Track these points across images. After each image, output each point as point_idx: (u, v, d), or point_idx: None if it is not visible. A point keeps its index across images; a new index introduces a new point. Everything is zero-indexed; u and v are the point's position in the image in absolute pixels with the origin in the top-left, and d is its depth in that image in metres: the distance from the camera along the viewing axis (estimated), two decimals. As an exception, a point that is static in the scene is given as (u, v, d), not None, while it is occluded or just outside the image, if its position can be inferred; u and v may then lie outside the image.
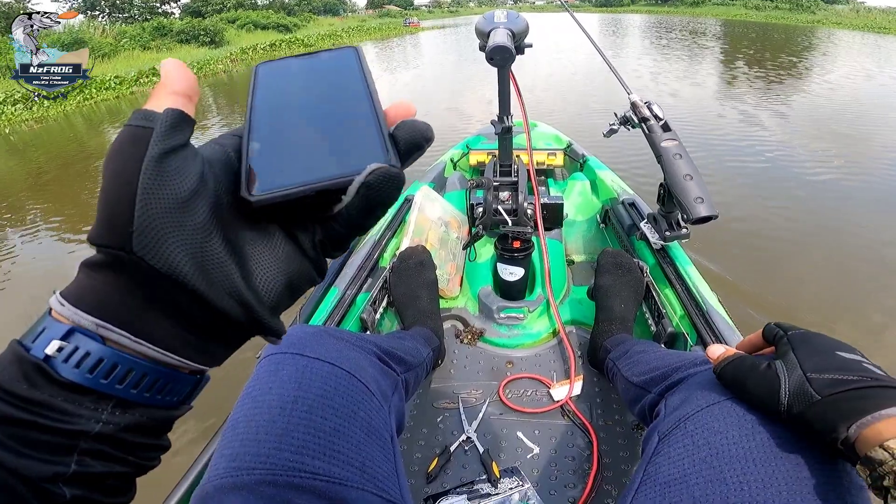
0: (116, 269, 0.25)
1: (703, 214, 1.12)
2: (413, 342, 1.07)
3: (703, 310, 1.15)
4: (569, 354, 1.31)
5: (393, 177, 0.29)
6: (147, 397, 0.28)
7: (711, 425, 0.57)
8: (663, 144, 1.22)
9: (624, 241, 1.59)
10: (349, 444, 0.60)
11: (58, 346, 0.25)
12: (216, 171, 0.29)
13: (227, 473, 0.54)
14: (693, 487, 0.54)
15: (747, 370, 0.56)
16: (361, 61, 0.37)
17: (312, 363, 0.66)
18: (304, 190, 0.29)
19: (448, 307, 1.54)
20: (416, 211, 1.56)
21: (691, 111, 6.26)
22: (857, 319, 2.36)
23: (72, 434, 0.25)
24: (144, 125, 0.26)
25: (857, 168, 4.28)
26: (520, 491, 1.01)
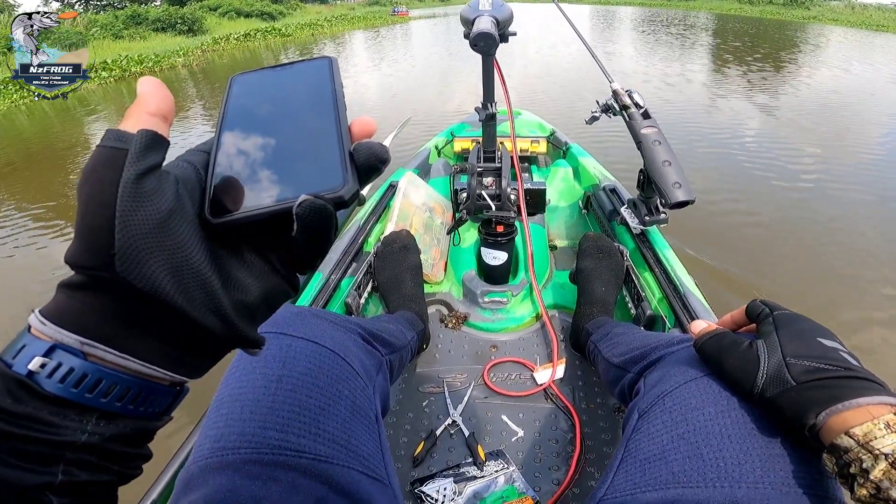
0: (98, 289, 0.26)
1: (680, 199, 1.14)
2: (398, 325, 1.07)
3: (681, 293, 1.17)
4: (551, 338, 1.33)
5: (318, 209, 0.29)
6: (131, 409, 0.29)
7: (689, 401, 0.59)
8: (643, 131, 1.23)
9: (605, 226, 1.61)
10: (334, 423, 0.61)
11: (41, 363, 0.26)
12: (189, 189, 0.29)
13: (212, 454, 0.54)
14: (672, 463, 0.55)
15: (727, 347, 0.58)
16: (334, 74, 0.37)
17: (296, 342, 0.66)
18: (262, 213, 0.29)
19: (432, 292, 1.55)
20: (401, 196, 1.56)
21: (693, 109, 6.19)
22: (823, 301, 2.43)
23: (58, 445, 0.26)
24: (118, 146, 0.27)
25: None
26: (505, 473, 1.03)
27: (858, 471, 0.42)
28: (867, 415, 0.44)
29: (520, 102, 5.58)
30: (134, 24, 18.71)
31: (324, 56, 0.38)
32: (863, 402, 0.44)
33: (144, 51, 13.60)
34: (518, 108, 2.42)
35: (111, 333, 0.27)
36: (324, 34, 19.99)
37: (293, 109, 0.35)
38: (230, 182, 0.30)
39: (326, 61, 0.38)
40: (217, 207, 0.29)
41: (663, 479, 0.55)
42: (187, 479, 0.53)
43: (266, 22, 24.47)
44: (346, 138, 0.32)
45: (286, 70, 0.38)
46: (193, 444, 0.79)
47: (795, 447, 0.51)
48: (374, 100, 7.18)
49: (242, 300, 0.30)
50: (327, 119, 0.34)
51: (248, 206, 0.29)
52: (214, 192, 0.30)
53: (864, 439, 0.42)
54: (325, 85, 0.36)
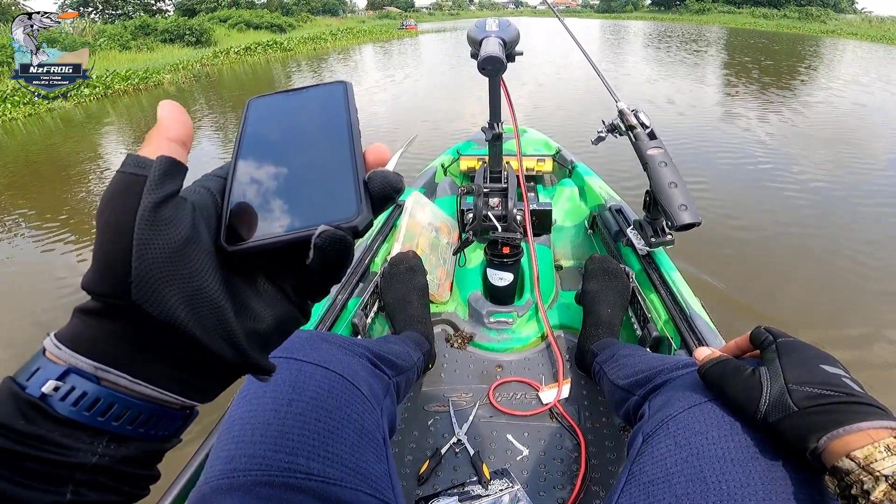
0: (113, 315, 0.27)
1: (686, 221, 1.15)
2: (404, 346, 1.08)
3: (687, 314, 1.18)
4: (557, 358, 1.34)
5: (338, 239, 0.29)
6: (142, 432, 0.29)
7: (693, 426, 0.60)
8: (649, 152, 1.25)
9: (611, 246, 1.62)
10: (343, 446, 0.62)
11: (54, 386, 0.26)
12: (205, 216, 0.30)
13: (223, 475, 0.55)
14: (675, 486, 0.56)
15: (731, 373, 0.58)
16: (349, 99, 0.37)
17: (306, 367, 0.67)
18: (277, 242, 0.30)
19: (438, 312, 1.56)
20: (407, 216, 1.58)
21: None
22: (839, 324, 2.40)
23: (69, 466, 0.27)
24: (137, 173, 0.27)
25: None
26: (510, 492, 1.03)
27: (860, 492, 0.43)
28: (867, 438, 0.45)
29: (534, 119, 5.62)
30: (143, 35, 18.76)
31: (339, 81, 0.39)
32: (863, 427, 0.45)
33: (150, 62, 13.31)
34: (524, 126, 2.44)
35: (125, 359, 0.27)
36: (326, 49, 19.72)
37: (308, 136, 0.35)
38: (246, 210, 0.31)
39: (342, 86, 0.38)
40: (233, 235, 0.30)
41: (667, 501, 0.55)
42: (199, 499, 0.54)
43: (275, 34, 24.42)
44: (361, 167, 0.33)
45: (301, 95, 0.39)
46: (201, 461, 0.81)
47: (798, 470, 0.52)
48: (383, 115, 7.20)
49: (255, 328, 0.30)
50: (342, 147, 0.34)
51: (263, 234, 0.30)
52: (230, 220, 0.30)
53: (865, 462, 0.43)
54: (339, 111, 0.36)
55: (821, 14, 38.50)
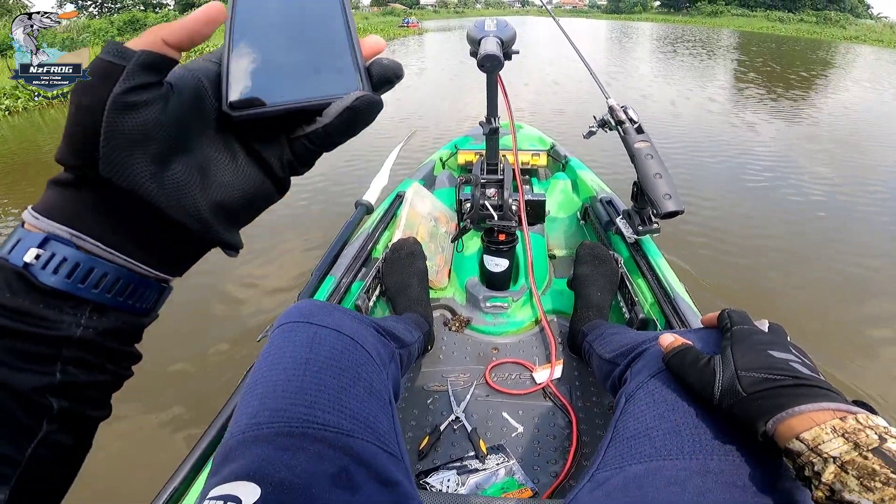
0: (84, 186, 0.28)
1: (670, 209, 1.21)
2: (405, 325, 1.14)
3: (671, 297, 1.24)
4: (550, 340, 1.40)
5: (375, 103, 0.32)
6: (120, 301, 0.30)
7: (669, 383, 0.67)
8: (636, 146, 1.31)
9: (601, 235, 1.69)
10: (354, 401, 0.68)
11: (35, 254, 0.27)
12: (183, 94, 0.30)
13: (248, 428, 0.61)
14: (654, 439, 0.62)
15: (689, 364, 0.63)
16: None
17: (321, 330, 0.74)
18: (286, 108, 0.31)
19: (437, 297, 1.63)
20: (408, 206, 1.64)
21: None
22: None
23: (55, 341, 0.28)
24: (115, 62, 0.27)
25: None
26: (505, 466, 1.10)
27: (812, 473, 0.45)
28: (810, 421, 0.47)
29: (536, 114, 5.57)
30: (132, 31, 17.95)
31: None
32: (804, 409, 0.48)
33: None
34: (520, 122, 2.50)
35: (97, 229, 0.29)
36: None
37: (303, 19, 0.35)
38: (249, 78, 0.32)
39: None
40: (237, 102, 0.31)
41: (647, 452, 0.62)
42: (226, 452, 0.60)
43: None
44: (358, 47, 0.34)
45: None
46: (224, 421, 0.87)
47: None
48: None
49: (222, 201, 0.31)
50: (339, 30, 0.34)
51: (270, 100, 0.31)
52: (233, 88, 0.31)
53: (814, 444, 0.45)
54: (334, 2, 0.36)
55: (840, 19, 37.53)
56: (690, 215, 3.29)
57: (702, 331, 0.74)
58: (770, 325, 0.65)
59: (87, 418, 0.31)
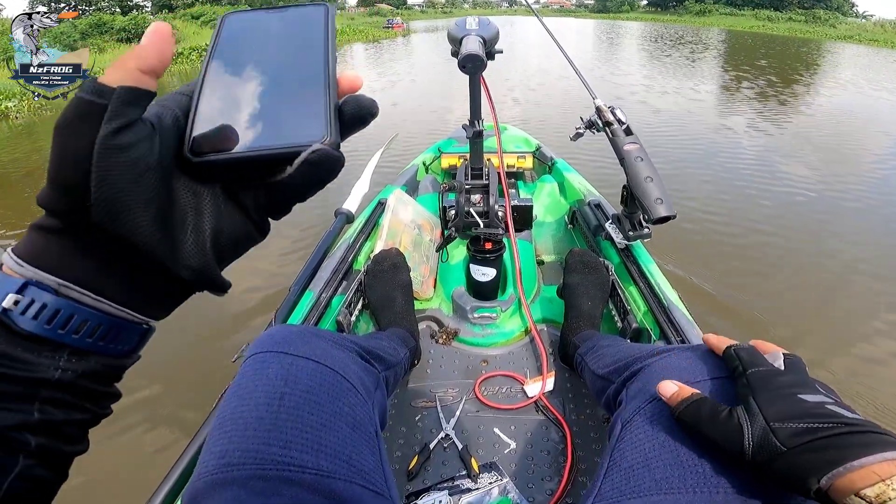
0: (72, 233, 0.28)
1: (662, 214, 1.18)
2: (390, 342, 1.09)
3: (665, 306, 1.21)
4: (541, 352, 1.36)
5: (333, 159, 0.30)
6: (101, 346, 0.30)
7: (668, 411, 0.62)
8: (626, 148, 1.27)
9: (590, 240, 1.65)
10: (336, 438, 0.62)
11: (14, 300, 0.27)
12: (164, 135, 0.29)
13: (217, 470, 0.55)
14: (654, 470, 0.58)
15: (707, 419, 0.55)
16: (329, 22, 0.36)
17: (297, 361, 0.68)
18: (246, 157, 0.30)
19: (423, 308, 1.58)
20: (390, 214, 1.59)
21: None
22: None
23: (33, 382, 0.28)
24: (96, 101, 0.26)
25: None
26: (499, 485, 1.05)
27: None
28: (872, 475, 0.42)
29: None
30: (98, 34, 17.23)
31: (320, 2, 0.37)
32: (865, 462, 0.43)
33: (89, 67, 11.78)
34: (504, 124, 2.46)
35: (83, 275, 0.28)
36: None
37: (283, 54, 0.34)
38: (216, 121, 0.31)
39: (322, 8, 0.37)
40: (199, 146, 0.30)
41: (646, 486, 0.58)
42: (194, 494, 0.55)
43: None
44: (334, 89, 0.32)
45: (279, 14, 0.37)
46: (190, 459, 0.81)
47: None
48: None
49: (212, 245, 0.31)
50: (317, 68, 0.33)
51: (228, 150, 0.30)
52: (197, 132, 0.30)
53: (878, 500, 0.41)
54: (318, 32, 0.35)
55: (829, 17, 37.49)
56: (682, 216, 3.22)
57: (707, 357, 0.69)
58: (785, 360, 0.59)
59: (64, 453, 0.31)
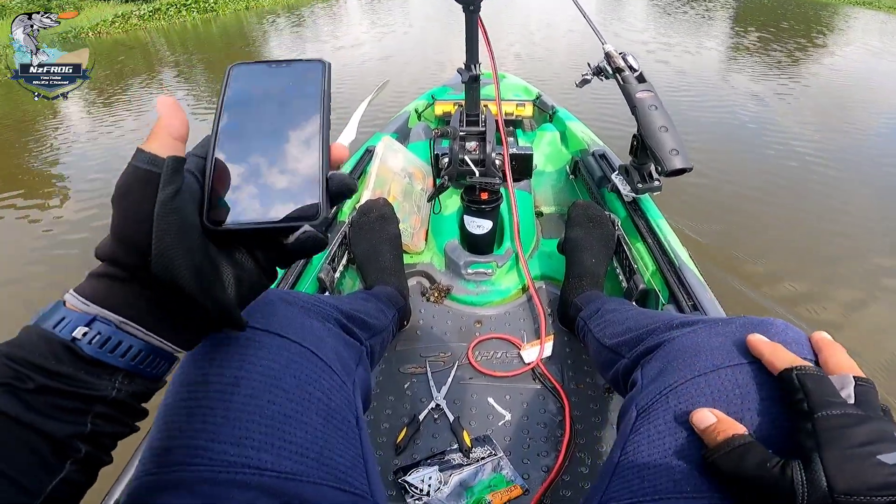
0: (132, 281, 0.34)
1: (678, 167, 1.08)
2: (377, 303, 1.00)
3: (676, 266, 1.11)
4: (539, 312, 1.27)
5: (318, 242, 0.40)
6: (147, 371, 0.37)
7: (697, 400, 0.52)
8: (638, 95, 1.16)
9: (594, 192, 1.54)
10: (303, 433, 0.51)
11: (83, 332, 0.33)
12: (195, 199, 0.36)
13: (157, 469, 0.45)
14: (675, 471, 0.49)
15: (752, 470, 0.43)
16: (325, 79, 0.40)
17: (258, 336, 0.55)
18: (251, 227, 0.36)
19: (413, 263, 1.48)
20: (378, 161, 1.47)
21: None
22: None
23: (91, 399, 0.33)
24: (152, 169, 0.33)
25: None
26: (492, 461, 0.98)
27: None
28: None
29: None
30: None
31: (319, 59, 0.41)
32: None
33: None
34: (503, 72, 2.31)
35: (137, 315, 0.35)
36: (264, 7, 12.52)
37: (283, 123, 0.39)
38: (223, 195, 0.36)
39: (320, 66, 0.41)
40: (214, 216, 0.36)
41: (665, 487, 0.49)
42: (132, 496, 0.45)
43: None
44: (327, 164, 0.37)
45: (282, 70, 0.41)
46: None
47: None
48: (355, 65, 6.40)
49: (236, 291, 0.38)
50: (314, 137, 0.38)
51: (238, 219, 0.36)
52: (210, 203, 0.36)
53: None
54: (315, 96, 0.39)
55: None
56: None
57: (743, 347, 0.54)
58: (857, 385, 0.44)
59: (102, 462, 0.36)
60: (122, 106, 5.14)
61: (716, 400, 0.51)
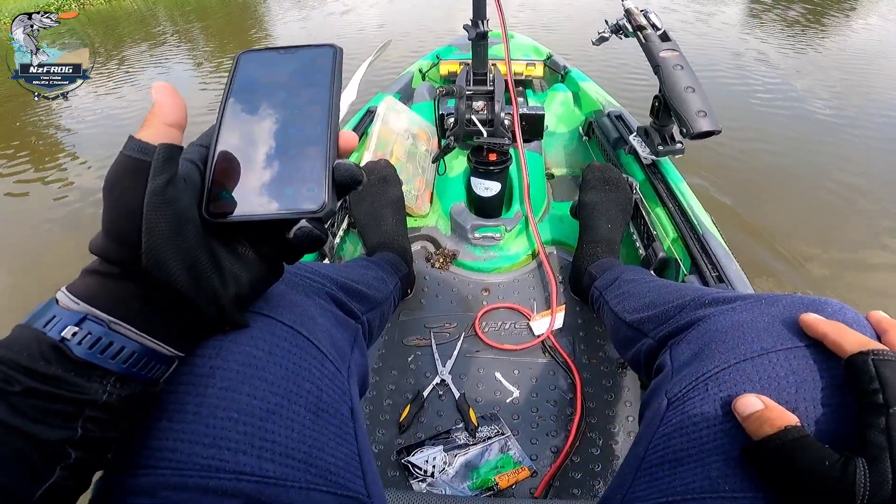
0: (124, 278, 0.33)
1: (705, 129, 0.99)
2: (378, 271, 0.93)
3: (700, 233, 1.03)
4: (549, 279, 1.20)
5: (315, 237, 0.37)
6: (140, 374, 0.34)
7: (742, 387, 0.45)
8: (662, 54, 1.07)
9: (610, 154, 1.46)
10: (288, 430, 0.44)
11: (73, 331, 0.31)
12: (192, 190, 0.34)
13: (117, 471, 0.38)
14: (710, 467, 0.43)
15: (809, 468, 0.36)
16: (336, 66, 0.39)
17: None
18: (254, 219, 0.34)
19: (417, 227, 1.41)
20: (380, 122, 1.38)
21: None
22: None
23: (81, 403, 0.31)
24: (142, 158, 0.31)
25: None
26: (499, 441, 0.93)
27: None
28: None
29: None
30: None
31: (330, 44, 0.40)
32: None
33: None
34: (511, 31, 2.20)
35: (130, 315, 0.33)
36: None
37: (291, 111, 0.37)
38: (227, 184, 0.35)
39: (331, 51, 0.39)
40: (214, 207, 0.34)
41: (699, 486, 0.43)
42: (91, 499, 0.39)
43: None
44: (334, 153, 0.36)
45: (292, 56, 0.40)
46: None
47: None
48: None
49: (235, 291, 0.37)
50: (321, 130, 0.36)
51: (241, 210, 0.34)
52: (211, 194, 0.35)
53: None
54: (324, 83, 0.38)
55: None
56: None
57: (797, 329, 0.47)
58: None
59: (93, 467, 0.34)
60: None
61: (765, 388, 0.43)
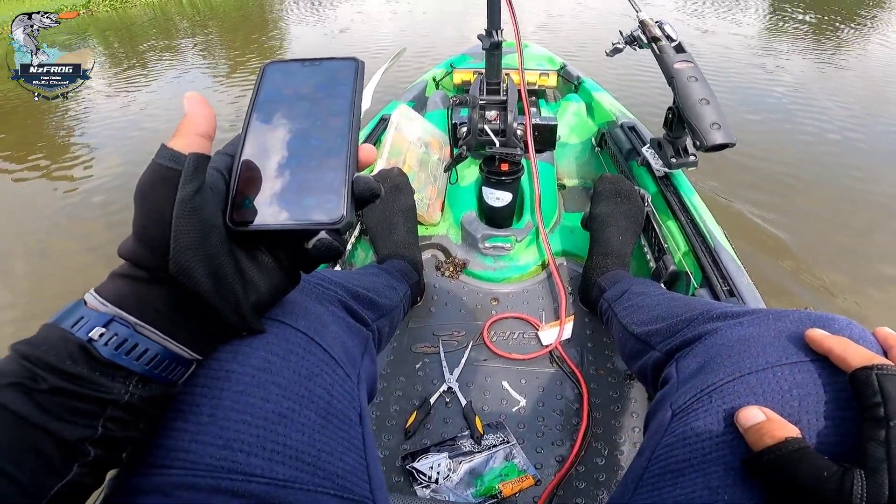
0: (152, 282, 0.34)
1: (719, 141, 0.99)
2: (388, 279, 0.93)
3: (711, 247, 1.03)
4: (559, 290, 1.20)
5: (333, 249, 0.38)
6: (162, 376, 0.35)
7: (746, 400, 0.45)
8: (676, 66, 1.07)
9: (622, 166, 1.46)
10: (299, 434, 0.45)
11: (100, 332, 0.32)
12: (218, 198, 0.36)
13: (132, 470, 0.39)
14: (711, 477, 0.43)
15: (809, 479, 0.37)
16: (357, 78, 0.40)
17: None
18: (273, 229, 0.35)
19: (428, 235, 1.41)
20: (393, 130, 1.39)
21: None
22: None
23: (104, 402, 0.32)
24: (172, 167, 0.33)
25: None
26: (504, 449, 0.92)
27: None
28: None
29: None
30: None
31: (352, 58, 0.41)
32: None
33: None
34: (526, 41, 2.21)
35: (155, 318, 0.34)
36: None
37: (313, 123, 0.38)
38: (250, 193, 0.36)
39: (354, 64, 0.41)
40: (237, 216, 0.35)
41: (699, 496, 0.43)
42: (104, 498, 0.39)
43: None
44: (353, 167, 0.37)
45: (315, 68, 0.41)
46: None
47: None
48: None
49: (255, 298, 0.38)
50: (342, 143, 0.37)
51: (262, 220, 0.35)
52: (234, 203, 0.36)
53: None
54: (346, 97, 0.39)
55: None
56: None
57: (802, 344, 0.47)
58: None
59: (110, 465, 0.35)
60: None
61: (768, 401, 0.43)
